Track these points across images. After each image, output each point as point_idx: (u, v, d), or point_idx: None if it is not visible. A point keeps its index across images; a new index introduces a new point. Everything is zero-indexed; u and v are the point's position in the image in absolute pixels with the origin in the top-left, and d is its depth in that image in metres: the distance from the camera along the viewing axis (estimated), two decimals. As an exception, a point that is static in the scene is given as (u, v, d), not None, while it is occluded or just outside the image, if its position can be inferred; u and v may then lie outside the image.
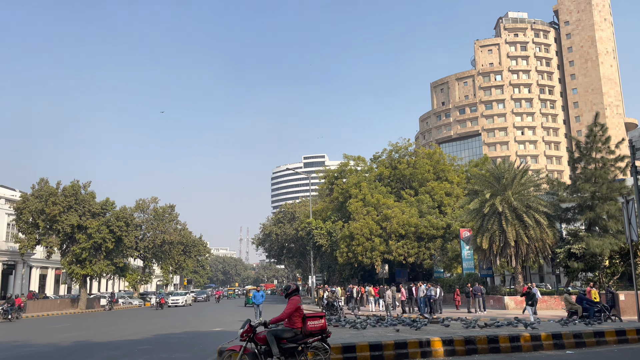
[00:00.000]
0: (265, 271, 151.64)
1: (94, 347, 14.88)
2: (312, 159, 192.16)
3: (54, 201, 41.37)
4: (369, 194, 42.71)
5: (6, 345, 16.11)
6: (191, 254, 68.24)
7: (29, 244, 41.69)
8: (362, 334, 12.41)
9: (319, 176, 59.16)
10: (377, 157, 50.50)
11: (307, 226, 47.90)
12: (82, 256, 42.97)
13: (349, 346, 10.24)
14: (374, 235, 39.23)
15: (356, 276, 46.42)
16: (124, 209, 48.06)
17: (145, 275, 58.40)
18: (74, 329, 22.44)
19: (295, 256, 68.40)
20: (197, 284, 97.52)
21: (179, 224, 60.79)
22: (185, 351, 13.58)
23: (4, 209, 47.33)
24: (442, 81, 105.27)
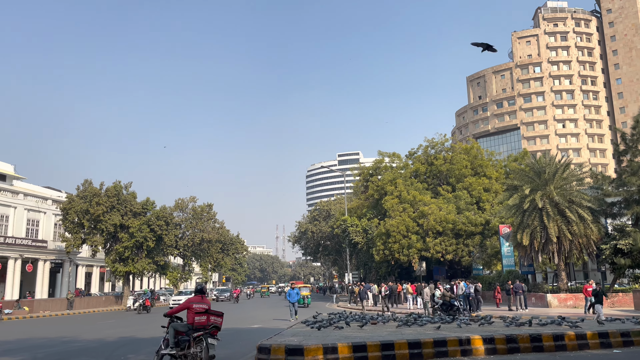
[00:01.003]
0: (302, 269, 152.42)
1: (137, 343, 15.33)
2: (346, 157, 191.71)
3: (98, 201, 42.81)
4: (405, 190, 42.32)
5: (55, 340, 16.78)
6: (229, 252, 69.34)
7: (75, 243, 43.26)
8: (401, 331, 12.33)
9: (354, 173, 59.00)
10: (412, 154, 49.97)
11: (342, 224, 47.90)
12: (124, 254, 44.32)
13: (387, 344, 10.19)
14: (411, 232, 38.85)
15: (393, 274, 46.10)
16: (163, 209, 49.25)
17: (185, 273, 59.71)
18: (118, 325, 23.19)
19: (331, 254, 68.53)
20: (236, 282, 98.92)
21: (217, 222, 61.86)
22: (226, 347, 13.80)
23: (51, 209, 49.25)
24: (479, 75, 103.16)
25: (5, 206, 44.37)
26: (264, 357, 10.05)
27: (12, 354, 13.15)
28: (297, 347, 9.79)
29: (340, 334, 11.81)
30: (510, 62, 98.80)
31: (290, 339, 10.92)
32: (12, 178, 51.28)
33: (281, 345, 9.95)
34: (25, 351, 13.82)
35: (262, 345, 10.25)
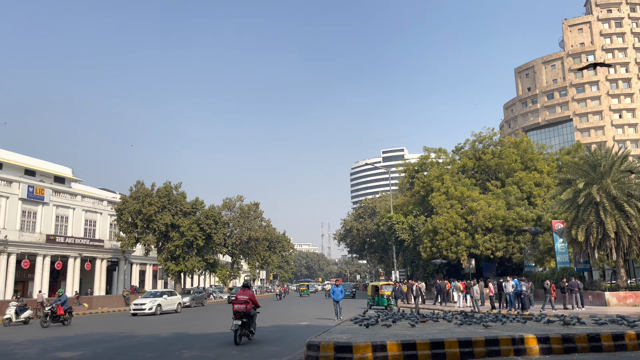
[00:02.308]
0: (348, 266, 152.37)
1: (191, 339, 15.78)
2: (390, 153, 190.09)
3: (150, 202, 44.33)
4: (452, 186, 41.53)
5: (113, 336, 17.51)
6: (276, 250, 70.19)
7: (129, 242, 44.96)
8: (451, 329, 12.12)
9: (399, 170, 58.40)
10: (459, 149, 48.95)
11: (388, 221, 47.55)
12: (176, 253, 45.69)
13: (437, 342, 10.04)
14: (459, 229, 38.10)
15: (441, 271, 45.37)
16: (212, 208, 50.40)
17: (234, 271, 60.91)
18: (172, 322, 23.92)
19: (377, 251, 68.16)
20: (283, 279, 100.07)
21: (264, 220, 62.71)
22: (275, 344, 14.01)
23: (106, 210, 51.38)
24: (527, 66, 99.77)
25: (64, 207, 46.63)
26: (313, 354, 10.13)
27: (74, 349, 13.81)
28: (346, 345, 9.80)
29: (388, 332, 11.74)
30: (561, 52, 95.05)
31: (339, 337, 10.94)
32: (70, 181, 53.87)
33: (330, 343, 9.99)
34: (85, 346, 14.49)
35: (311, 342, 10.32)
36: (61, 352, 13.06)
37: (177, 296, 34.41)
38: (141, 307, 29.86)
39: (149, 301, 30.34)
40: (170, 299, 32.63)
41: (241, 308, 14.00)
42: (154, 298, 31.17)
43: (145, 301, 30.41)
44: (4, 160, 46.43)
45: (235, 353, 12.12)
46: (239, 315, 13.88)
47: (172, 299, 32.88)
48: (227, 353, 12.17)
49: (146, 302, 30.16)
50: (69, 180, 53.75)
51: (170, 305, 32.23)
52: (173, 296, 33.74)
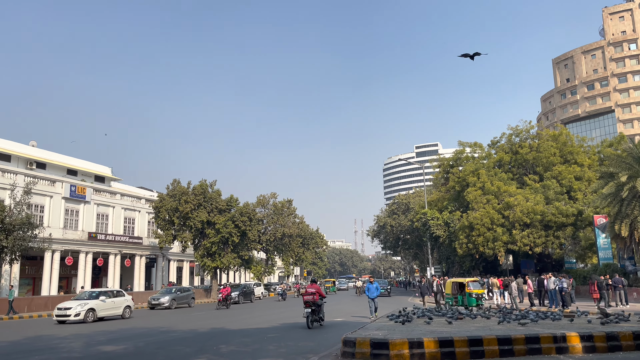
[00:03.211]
0: (382, 263, 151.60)
1: (228, 334, 16.03)
2: (424, 148, 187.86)
3: (186, 200, 45.19)
4: (488, 181, 40.73)
5: (154, 330, 17.96)
6: (309, 246, 70.43)
7: (167, 239, 45.95)
8: (489, 327, 11.92)
9: (433, 165, 57.64)
10: (495, 143, 47.94)
11: (422, 217, 47.05)
12: (212, 250, 46.45)
13: (475, 339, 9.89)
14: (496, 224, 37.34)
15: (477, 268, 44.60)
16: (246, 205, 50.96)
17: (268, 267, 61.50)
18: (209, 317, 24.36)
19: (412, 247, 67.56)
20: (317, 275, 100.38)
21: (297, 217, 63.03)
22: (311, 340, 14.09)
23: (144, 208, 52.67)
24: (566, 56, 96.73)
25: (105, 206, 48.06)
26: (349, 350, 10.14)
27: (116, 343, 14.24)
28: (382, 341, 9.77)
29: (425, 329, 11.64)
30: (601, 41, 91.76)
31: (375, 333, 10.91)
32: (109, 180, 55.46)
33: (366, 339, 9.97)
34: (127, 340, 14.91)
35: (347, 338, 10.33)
36: (104, 346, 13.48)
37: (124, 297, 26.34)
38: (65, 312, 22.95)
39: (76, 305, 23.26)
40: (112, 301, 25.25)
41: (310, 298, 16.97)
42: (85, 300, 24.05)
43: (72, 305, 23.35)
44: (47, 161, 48.16)
45: (272, 348, 12.25)
46: (309, 305, 16.94)
47: (114, 302, 25.20)
48: (263, 348, 12.31)
49: (72, 307, 23.11)
50: (109, 179, 55.34)
51: (113, 310, 24.85)
52: (117, 297, 25.78)
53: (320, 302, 17.41)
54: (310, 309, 16.94)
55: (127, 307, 25.61)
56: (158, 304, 33.18)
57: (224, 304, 32.44)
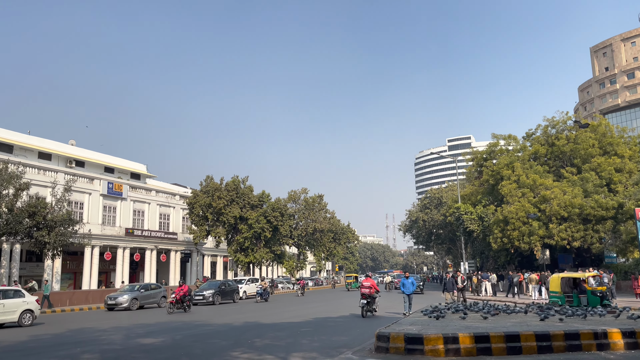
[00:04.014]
0: (414, 257, 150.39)
1: (262, 328, 16.21)
2: (456, 142, 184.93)
3: (219, 195, 45.89)
4: (524, 174, 39.80)
5: (190, 324, 18.32)
6: (341, 241, 70.48)
7: (201, 235, 46.78)
8: (526, 322, 11.68)
9: (466, 159, 56.69)
10: (530, 135, 46.77)
11: (455, 211, 46.38)
12: (245, 245, 47.05)
13: (512, 335, 9.72)
14: (532, 218, 36.50)
15: (513, 262, 43.71)
16: (278, 200, 51.37)
17: (300, 262, 61.86)
18: (243, 311, 24.68)
19: (445, 242, 66.75)
20: (348, 270, 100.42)
21: (328, 212, 63.13)
22: (344, 334, 14.11)
23: (179, 204, 53.73)
24: (604, 44, 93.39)
25: (141, 202, 49.24)
26: (383, 344, 10.11)
27: (155, 336, 14.59)
28: (417, 336, 9.71)
29: (460, 324, 11.50)
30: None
31: (409, 328, 10.85)
32: (145, 177, 56.76)
33: (400, 334, 9.92)
34: (165, 333, 15.27)
35: (381, 333, 10.30)
36: (143, 339, 13.84)
37: (21, 299, 19.65)
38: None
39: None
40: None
41: (366, 292, 19.34)
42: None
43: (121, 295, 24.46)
44: (86, 159, 49.63)
45: (305, 342, 12.33)
46: (365, 297, 19.26)
47: (6, 304, 18.83)
48: (296, 342, 12.40)
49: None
50: (144, 176, 56.64)
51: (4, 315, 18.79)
52: (11, 299, 19.25)
53: (375, 295, 19.64)
54: (366, 300, 19.19)
55: (25, 312, 19.48)
56: (115, 304, 27.01)
57: (179, 307, 24.33)
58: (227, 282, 34.83)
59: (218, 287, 31.88)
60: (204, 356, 10.60)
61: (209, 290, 31.24)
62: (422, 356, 9.41)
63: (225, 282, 34.64)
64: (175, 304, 24.26)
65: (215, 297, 30.78)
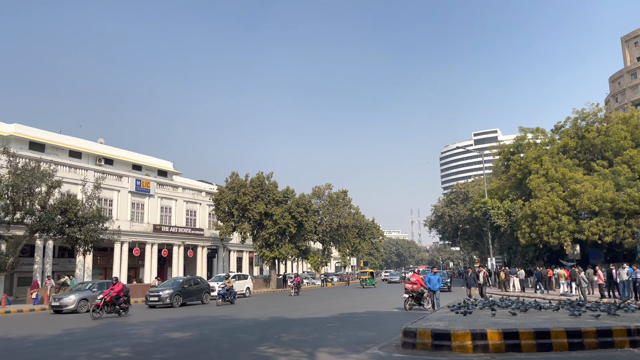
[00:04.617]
0: (440, 253, 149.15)
1: (288, 323, 16.31)
2: (483, 135, 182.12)
3: (244, 192, 46.28)
4: (552, 168, 38.98)
5: (217, 319, 18.57)
6: (365, 237, 70.33)
7: (227, 231, 47.28)
8: (556, 319, 11.46)
9: (493, 153, 55.87)
10: (559, 127, 45.77)
11: (482, 206, 45.77)
12: (270, 240, 47.37)
13: (541, 332, 9.54)
14: (561, 213, 35.74)
15: (542, 258, 42.92)
16: (302, 196, 51.53)
17: (325, 257, 61.98)
18: (269, 307, 24.88)
19: (471, 238, 66.00)
20: (373, 266, 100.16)
21: (352, 208, 63.08)
22: (369, 329, 14.09)
23: (205, 200, 54.40)
24: (636, 33, 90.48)
25: (168, 199, 50.03)
26: (409, 340, 10.05)
27: (183, 330, 14.84)
28: (444, 332, 9.62)
29: (488, 320, 11.34)
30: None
31: (436, 324, 10.76)
32: (172, 174, 57.62)
33: (427, 330, 9.85)
34: (193, 328, 15.51)
35: (408, 328, 10.24)
36: (172, 333, 14.08)
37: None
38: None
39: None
40: None
41: (410, 287, 20.47)
42: None
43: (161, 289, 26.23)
44: (114, 157, 50.65)
45: (332, 338, 12.35)
46: (407, 291, 20.39)
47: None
48: (322, 337, 12.43)
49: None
50: (171, 173, 57.49)
51: None
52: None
53: (421, 290, 20.32)
54: (409, 295, 20.29)
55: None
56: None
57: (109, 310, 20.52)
58: (195, 280, 29.48)
59: (180, 286, 27.10)
60: (232, 350, 10.73)
61: (167, 289, 26.48)
62: (449, 352, 9.33)
63: (191, 279, 29.22)
64: (104, 307, 20.10)
65: (174, 298, 26.05)
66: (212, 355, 10.17)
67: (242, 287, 35.29)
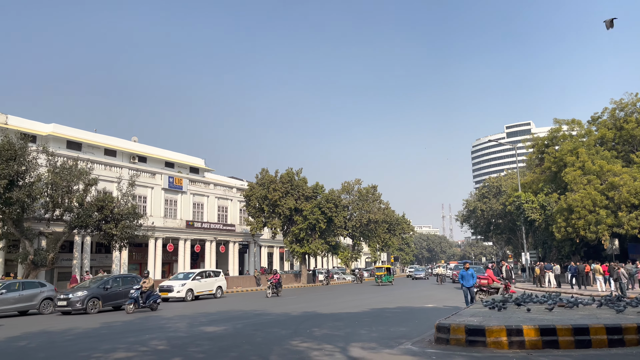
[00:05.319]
0: (472, 248, 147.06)
1: (320, 317, 16.38)
2: (515, 128, 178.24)
3: (274, 188, 46.62)
4: (589, 160, 37.86)
5: (249, 313, 18.80)
6: (395, 232, 69.92)
7: (258, 226, 47.75)
8: (595, 315, 11.16)
9: (526, 145, 54.70)
10: (596, 119, 44.36)
11: (516, 200, 44.84)
12: (300, 236, 47.62)
13: (580, 328, 9.31)
14: (598, 206, 34.70)
15: (578, 253, 41.83)
16: (332, 192, 51.57)
17: (355, 253, 61.92)
18: (300, 301, 25.03)
19: (504, 232, 64.80)
20: (404, 261, 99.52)
21: (382, 203, 62.78)
22: (402, 325, 14.03)
23: (236, 196, 55.05)
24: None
25: (200, 195, 50.83)
26: (442, 336, 9.97)
27: (217, 324, 15.08)
28: (479, 328, 9.50)
29: (523, 316, 11.14)
30: None
31: (470, 319, 10.63)
32: (203, 171, 58.49)
33: (461, 325, 9.74)
34: (226, 322, 15.75)
35: (441, 324, 10.15)
36: (206, 327, 14.34)
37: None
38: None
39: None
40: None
41: (483, 282, 20.77)
42: None
43: None
44: (147, 155, 51.73)
45: (364, 333, 12.35)
46: (477, 286, 20.13)
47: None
48: (355, 332, 12.44)
49: None
50: (202, 170, 58.37)
51: None
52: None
53: (494, 285, 20.73)
54: (480, 289, 20.51)
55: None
56: None
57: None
58: (126, 278, 24.00)
59: (102, 286, 21.99)
60: (265, 344, 10.84)
61: (81, 291, 21.40)
62: (484, 348, 9.21)
63: (121, 277, 23.87)
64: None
65: (89, 302, 21.02)
66: (246, 349, 10.30)
67: (211, 286, 30.28)
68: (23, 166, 27.62)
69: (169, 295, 27.36)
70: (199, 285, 29.28)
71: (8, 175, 26.38)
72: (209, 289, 30.06)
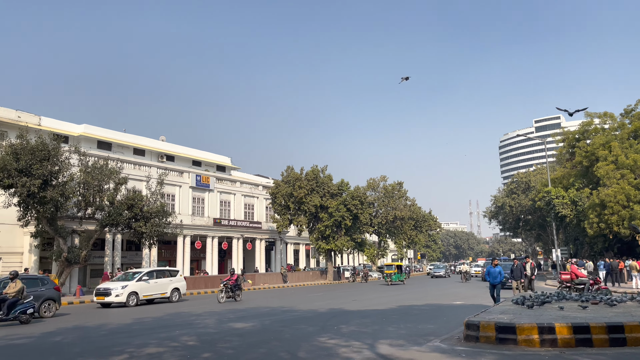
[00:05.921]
0: (500, 245, 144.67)
1: (346, 315, 16.40)
2: (544, 122, 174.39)
3: (300, 185, 46.82)
4: (622, 154, 36.84)
5: (277, 310, 18.93)
6: (422, 229, 69.33)
7: (284, 224, 48.02)
8: (630, 312, 10.87)
9: (556, 140, 53.48)
10: (629, 111, 43.10)
11: (546, 195, 43.97)
12: (326, 233, 47.70)
13: (614, 326, 9.08)
14: (633, 201, 33.76)
15: (611, 249, 40.77)
16: (357, 189, 51.48)
17: (381, 250, 61.68)
18: (327, 298, 25.08)
19: (534, 228, 63.62)
20: (431, 258, 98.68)
21: (408, 199, 62.36)
22: (430, 322, 13.93)
23: (262, 194, 55.45)
24: None
25: (226, 193, 51.38)
26: (472, 333, 9.85)
27: (245, 321, 15.24)
28: (509, 325, 9.35)
29: (555, 314, 10.92)
30: None
31: (500, 317, 10.48)
32: (230, 169, 59.07)
33: (491, 323, 9.61)
34: (254, 318, 15.90)
35: (470, 321, 10.04)
36: (235, 323, 14.50)
37: None
38: None
39: None
40: None
41: (567, 277, 20.99)
42: None
43: None
44: (175, 154, 52.52)
45: (392, 330, 12.30)
46: (559, 281, 21.63)
47: None
48: (382, 329, 12.40)
49: None
50: (229, 168, 58.95)
51: None
52: None
53: (578, 280, 20.34)
54: (564, 285, 21.01)
55: None
56: None
57: None
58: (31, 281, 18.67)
59: None
60: (293, 341, 10.91)
61: None
62: (515, 346, 9.07)
63: (22, 278, 17.58)
64: None
65: None
66: (275, 345, 10.38)
67: (165, 288, 25.41)
68: (56, 166, 28.41)
69: (106, 300, 22.93)
70: (147, 288, 24.35)
71: (42, 175, 27.17)
72: (162, 292, 25.09)
